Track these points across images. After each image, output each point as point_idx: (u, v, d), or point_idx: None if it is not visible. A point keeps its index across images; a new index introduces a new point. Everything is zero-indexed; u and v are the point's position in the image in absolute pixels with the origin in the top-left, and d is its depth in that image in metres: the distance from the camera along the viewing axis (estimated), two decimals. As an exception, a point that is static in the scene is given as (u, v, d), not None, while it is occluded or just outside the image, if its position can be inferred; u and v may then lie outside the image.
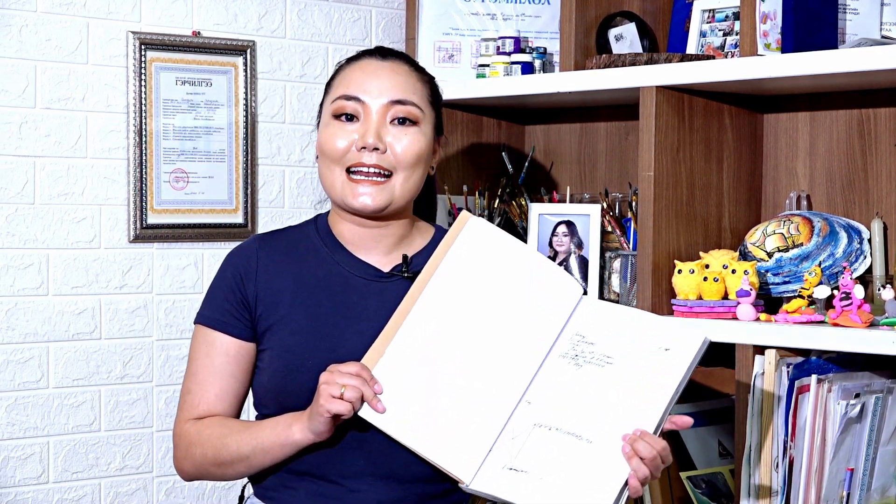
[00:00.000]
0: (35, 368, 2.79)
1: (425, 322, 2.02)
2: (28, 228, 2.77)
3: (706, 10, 2.92)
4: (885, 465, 2.39)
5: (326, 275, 2.10)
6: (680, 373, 1.95)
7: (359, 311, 2.08)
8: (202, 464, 2.06)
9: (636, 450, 1.89)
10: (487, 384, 1.99)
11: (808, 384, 2.35)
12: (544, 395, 1.98)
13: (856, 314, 2.32)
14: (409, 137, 2.08)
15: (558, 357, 2.01)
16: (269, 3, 3.08)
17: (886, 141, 2.64)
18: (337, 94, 2.09)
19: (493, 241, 2.10)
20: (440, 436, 1.95)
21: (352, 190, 2.06)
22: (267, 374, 2.07)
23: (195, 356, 2.11)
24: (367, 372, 1.95)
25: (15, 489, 2.76)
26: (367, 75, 2.09)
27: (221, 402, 2.09)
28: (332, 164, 2.08)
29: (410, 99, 2.09)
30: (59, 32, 2.80)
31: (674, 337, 1.98)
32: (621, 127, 3.10)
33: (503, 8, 3.11)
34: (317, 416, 1.93)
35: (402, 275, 2.11)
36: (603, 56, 2.77)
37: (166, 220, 2.93)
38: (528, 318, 2.04)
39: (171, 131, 2.92)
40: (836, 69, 2.37)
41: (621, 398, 1.95)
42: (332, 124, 2.08)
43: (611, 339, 2.01)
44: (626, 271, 2.78)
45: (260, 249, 2.12)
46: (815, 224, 2.56)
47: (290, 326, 2.06)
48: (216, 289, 2.12)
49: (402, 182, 2.08)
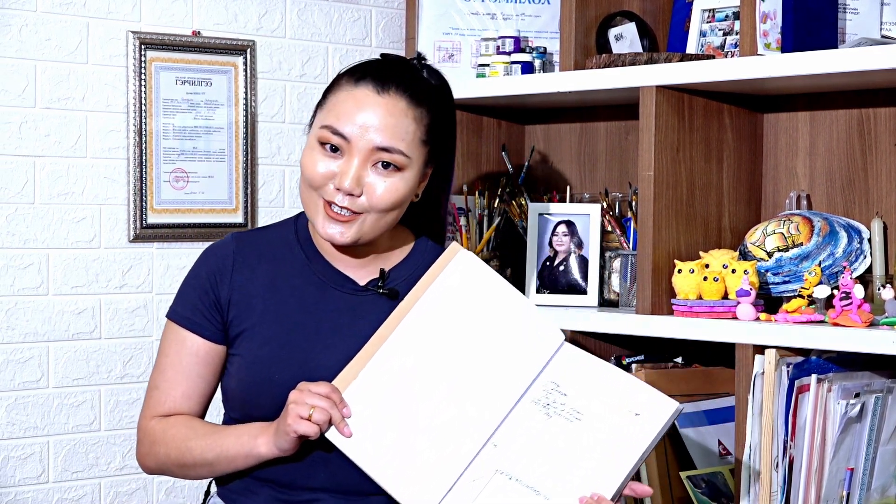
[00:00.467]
0: (35, 368, 2.79)
1: (402, 351, 1.98)
2: (28, 228, 2.77)
3: (706, 9, 2.92)
4: (885, 464, 2.39)
5: (302, 284, 2.07)
6: (647, 441, 1.91)
7: (331, 325, 2.04)
8: (164, 463, 2.05)
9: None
10: (457, 422, 1.95)
11: (808, 384, 2.35)
12: (511, 440, 1.95)
13: (856, 314, 2.32)
14: (389, 184, 2.00)
15: (531, 402, 1.97)
16: (269, 3, 3.08)
17: (886, 141, 2.64)
18: (326, 121, 2.01)
19: (479, 277, 2.05)
20: (402, 469, 1.92)
21: (324, 221, 2.01)
22: (235, 380, 2.05)
23: (165, 352, 2.09)
24: (337, 394, 1.92)
25: (15, 489, 2.76)
26: (360, 110, 1.99)
27: (188, 400, 2.07)
28: (309, 188, 2.03)
29: (398, 147, 2.00)
30: (59, 32, 2.80)
31: (646, 403, 1.94)
32: (621, 127, 3.10)
33: (503, 8, 3.11)
34: (283, 434, 1.91)
35: (377, 290, 2.07)
36: (603, 56, 2.77)
37: (166, 220, 2.93)
38: (506, 360, 2.00)
39: (171, 131, 2.92)
40: (835, 69, 2.37)
41: (585, 458, 1.91)
42: (317, 150, 2.02)
43: (583, 394, 1.97)
44: (626, 271, 2.78)
45: (237, 251, 2.08)
46: (815, 224, 2.56)
47: (261, 336, 2.03)
48: (190, 286, 2.09)
49: (372, 222, 2.02)
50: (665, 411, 1.92)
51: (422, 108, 2.03)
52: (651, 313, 2.61)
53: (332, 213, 2.00)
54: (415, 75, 2.06)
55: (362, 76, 2.03)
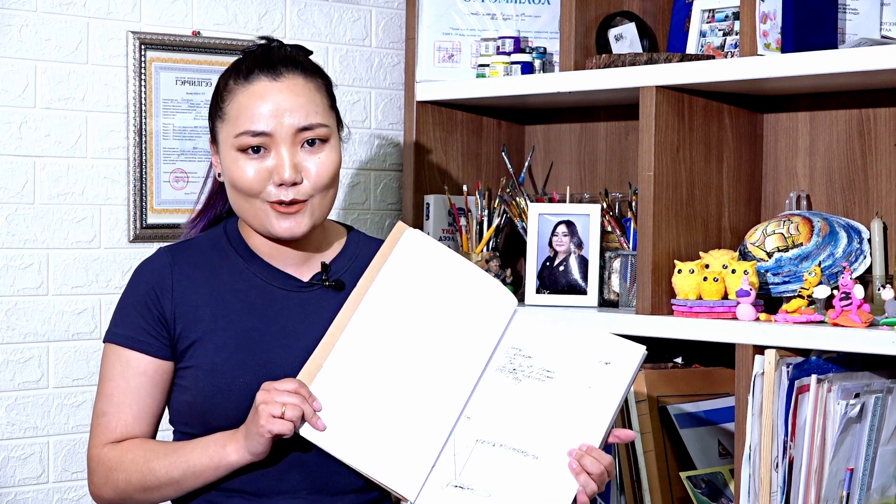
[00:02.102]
0: (35, 368, 2.79)
1: (362, 336, 1.97)
2: (28, 228, 2.77)
3: (706, 9, 2.92)
4: (885, 464, 2.39)
5: (245, 288, 2.05)
6: (622, 386, 1.94)
7: (283, 323, 2.03)
8: (125, 490, 1.99)
9: (584, 465, 1.88)
10: (426, 399, 1.95)
11: (807, 384, 2.35)
12: (484, 410, 1.96)
13: (855, 314, 2.32)
14: (322, 158, 2.01)
15: (496, 371, 1.99)
16: (268, 3, 3.07)
17: (886, 141, 2.64)
18: (239, 128, 1.99)
19: (428, 252, 2.06)
20: (382, 453, 1.91)
21: (276, 221, 2.00)
22: (191, 393, 2.01)
23: (108, 377, 2.03)
24: (305, 389, 1.90)
25: (15, 489, 2.76)
26: (267, 102, 1.99)
27: (140, 423, 2.02)
28: (247, 197, 2.01)
29: (316, 121, 2.01)
30: (59, 32, 2.80)
31: (613, 350, 1.97)
32: (621, 127, 3.10)
33: (503, 8, 3.12)
34: (256, 436, 1.88)
35: (322, 283, 2.06)
36: (603, 56, 2.77)
37: (166, 220, 2.93)
38: (464, 331, 2.01)
39: (171, 131, 2.92)
40: (835, 69, 2.37)
41: (564, 413, 1.93)
42: (241, 159, 2.00)
43: (549, 354, 1.99)
44: (625, 271, 2.78)
45: (173, 263, 2.05)
46: (815, 224, 2.56)
47: (214, 344, 2.00)
48: (128, 306, 2.05)
49: (319, 202, 2.02)
50: (634, 356, 1.95)
51: (315, 77, 2.07)
52: (651, 313, 2.61)
53: (283, 209, 2.00)
54: (289, 53, 2.08)
55: (249, 72, 2.03)
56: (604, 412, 1.93)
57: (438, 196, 3.10)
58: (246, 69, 2.04)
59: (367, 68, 3.21)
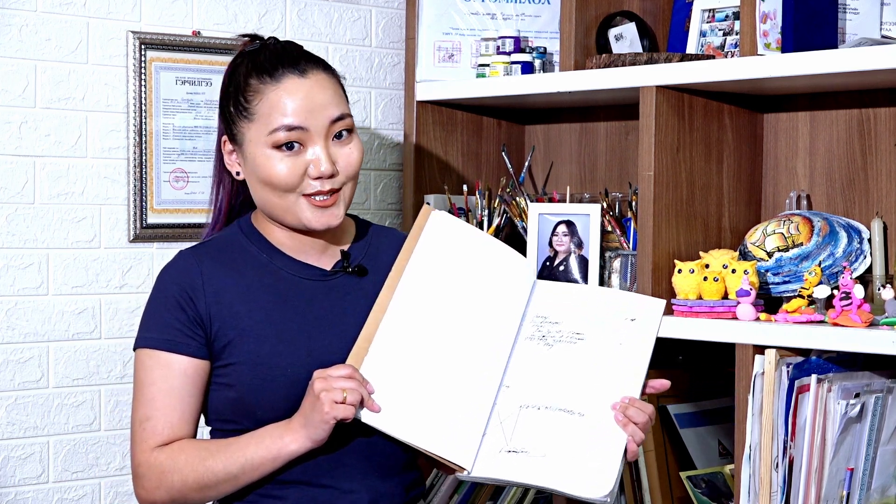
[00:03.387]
0: (35, 368, 2.79)
1: (402, 317, 2.03)
2: (28, 228, 2.77)
3: (706, 9, 2.92)
4: (885, 464, 2.39)
5: (272, 281, 2.07)
6: (650, 339, 2.04)
7: (316, 312, 2.06)
8: (181, 490, 2.00)
9: (629, 416, 1.96)
10: (466, 372, 2.02)
11: (808, 384, 2.35)
12: (522, 377, 2.03)
13: (856, 314, 2.32)
14: (350, 149, 2.07)
15: (526, 340, 2.06)
16: (268, 3, 3.07)
17: (886, 141, 2.64)
18: (272, 125, 2.02)
19: (455, 231, 2.14)
20: (434, 428, 1.97)
21: (313, 214, 2.04)
22: (236, 389, 2.02)
23: (148, 381, 2.03)
24: (358, 373, 1.94)
25: (15, 489, 2.76)
26: (300, 99, 2.03)
27: (185, 424, 2.03)
28: (283, 193, 2.04)
29: (345, 112, 2.07)
30: (59, 32, 2.80)
31: (637, 307, 2.07)
32: (621, 127, 3.10)
33: (503, 8, 3.11)
34: (320, 423, 1.91)
35: (345, 270, 2.11)
36: (603, 56, 2.77)
37: (166, 220, 2.93)
38: (493, 304, 2.08)
39: (171, 131, 2.92)
40: (836, 69, 2.37)
41: (601, 370, 2.02)
42: (275, 156, 2.03)
43: (575, 317, 2.07)
44: (626, 271, 2.78)
45: (200, 264, 2.07)
46: (815, 224, 2.56)
47: (254, 338, 2.02)
48: (160, 309, 2.05)
49: (349, 191, 2.08)
50: (657, 309, 2.07)
51: (332, 71, 2.12)
52: (651, 313, 2.61)
53: (318, 202, 2.04)
54: (303, 49, 2.13)
55: (274, 69, 2.06)
56: (638, 365, 2.02)
57: (438, 196, 3.10)
58: (270, 66, 2.07)
59: (368, 68, 3.21)
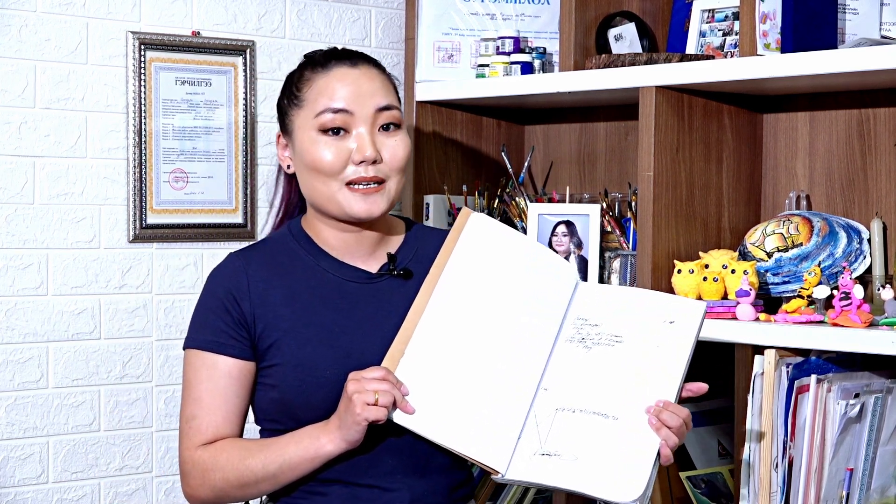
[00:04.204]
0: (35, 368, 2.79)
1: (440, 319, 2.03)
2: (28, 228, 2.77)
3: (706, 9, 2.92)
4: (885, 464, 2.39)
5: (318, 283, 2.09)
6: (689, 342, 2.01)
7: (359, 314, 2.08)
8: (223, 488, 2.04)
9: (663, 420, 1.95)
10: (505, 375, 2.01)
11: (807, 384, 2.35)
12: (560, 380, 2.02)
13: (855, 314, 2.32)
14: (397, 142, 2.08)
15: (566, 342, 2.05)
16: (268, 3, 3.08)
17: (886, 141, 2.64)
18: (319, 107, 2.06)
19: (494, 234, 2.13)
20: (469, 430, 1.97)
21: (354, 201, 2.06)
22: (279, 390, 2.05)
23: (195, 381, 2.07)
24: (392, 375, 1.96)
25: (14, 489, 2.76)
26: (348, 85, 2.07)
27: (228, 423, 2.07)
28: (327, 178, 2.06)
29: (393, 103, 2.09)
30: (59, 32, 2.80)
31: (676, 310, 2.04)
32: (621, 127, 3.10)
33: (503, 8, 3.11)
34: (353, 425, 1.93)
35: (390, 273, 2.12)
36: (602, 56, 2.77)
37: (166, 220, 2.93)
38: (533, 307, 2.07)
39: (171, 131, 2.92)
40: (835, 69, 2.37)
41: (637, 373, 2.00)
42: (321, 140, 2.06)
43: (614, 319, 2.06)
44: (625, 271, 2.78)
45: (247, 266, 2.09)
46: (815, 224, 2.56)
47: (296, 340, 2.05)
48: (207, 311, 2.08)
49: (394, 186, 2.09)
50: (697, 312, 2.03)
51: (386, 74, 2.14)
52: (651, 313, 2.61)
53: (360, 190, 2.06)
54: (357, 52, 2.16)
55: (326, 62, 2.11)
56: (675, 369, 2.00)
57: (438, 196, 3.10)
58: (322, 60, 2.11)
59: (367, 68, 3.21)
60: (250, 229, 3.04)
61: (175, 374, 2.96)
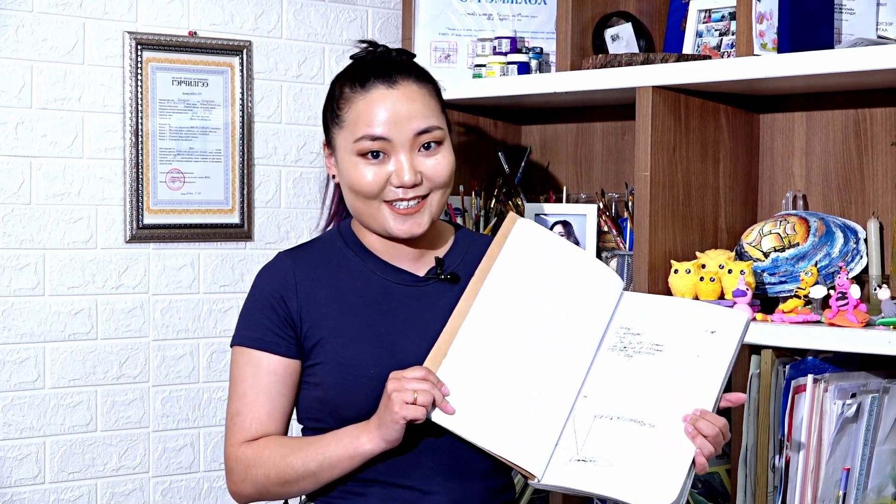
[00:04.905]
0: (31, 369, 2.79)
1: (483, 322, 2.04)
2: (24, 229, 2.77)
3: (702, 10, 2.92)
4: (882, 464, 2.39)
5: (364, 285, 2.10)
6: (729, 352, 2.00)
7: (404, 316, 2.09)
8: (264, 485, 2.05)
9: (699, 429, 1.94)
10: (546, 381, 2.02)
11: (804, 384, 2.35)
12: (600, 387, 2.02)
13: (852, 314, 2.32)
14: (439, 159, 2.08)
15: (608, 351, 2.06)
16: (265, 4, 3.07)
17: (882, 141, 2.64)
18: (358, 133, 2.06)
19: (539, 240, 2.13)
20: (508, 433, 1.97)
21: (395, 221, 2.07)
22: (322, 388, 2.06)
23: (241, 378, 2.08)
24: (433, 375, 1.96)
25: (11, 489, 2.76)
26: (386, 110, 2.06)
27: (273, 420, 2.08)
28: (367, 199, 2.07)
29: (433, 124, 2.08)
30: (56, 32, 2.80)
31: (718, 319, 2.04)
32: (618, 127, 3.10)
33: (499, 8, 3.11)
34: (391, 423, 1.94)
35: (438, 277, 2.13)
36: (599, 56, 2.77)
37: (162, 221, 2.93)
38: (577, 314, 2.08)
39: (168, 131, 2.92)
40: (832, 69, 2.37)
41: (676, 382, 2.00)
42: (360, 164, 2.06)
43: (657, 328, 2.06)
44: (622, 271, 2.78)
45: (295, 266, 2.10)
46: (812, 224, 2.56)
47: (342, 339, 2.06)
48: (255, 309, 2.10)
49: (437, 200, 2.10)
50: (739, 322, 2.02)
51: (426, 82, 2.13)
52: (647, 313, 2.61)
53: (401, 211, 2.07)
54: (398, 58, 2.14)
55: (365, 79, 2.09)
56: (714, 378, 1.99)
57: (435, 196, 3.09)
58: (362, 77, 2.10)
59: (364, 68, 3.21)
60: (247, 229, 3.03)
61: (171, 375, 2.96)
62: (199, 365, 3.00)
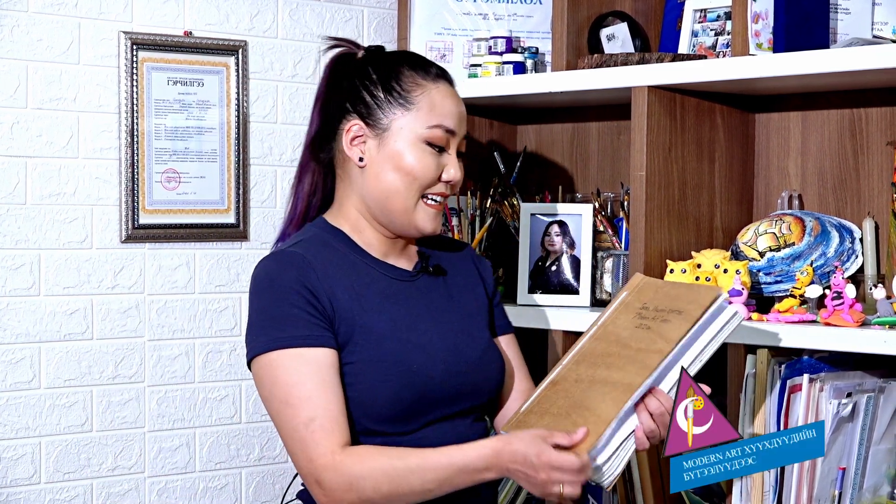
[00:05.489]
0: (27, 369, 2.78)
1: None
2: (20, 229, 2.77)
3: (698, 9, 2.92)
4: (877, 464, 2.39)
5: (371, 281, 2.11)
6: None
7: (417, 308, 2.12)
8: (371, 497, 1.94)
9: (645, 404, 1.97)
10: None
11: (799, 383, 2.36)
12: None
13: (847, 313, 2.32)
14: (461, 167, 2.15)
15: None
16: (260, 3, 3.07)
17: (878, 140, 2.64)
18: (434, 121, 2.10)
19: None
20: None
21: (427, 218, 2.11)
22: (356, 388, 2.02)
23: (297, 381, 1.97)
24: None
25: (7, 490, 2.76)
26: (456, 105, 2.14)
27: (346, 419, 1.99)
28: (411, 184, 2.09)
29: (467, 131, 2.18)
30: (51, 32, 2.79)
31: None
32: (613, 127, 3.10)
33: (495, 8, 3.11)
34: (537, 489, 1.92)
35: (426, 271, 2.18)
36: (595, 56, 2.77)
37: (158, 221, 2.92)
38: None
39: (163, 131, 2.92)
40: (827, 69, 2.37)
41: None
42: (426, 151, 2.10)
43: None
44: (618, 271, 2.78)
45: (314, 259, 2.05)
46: (807, 223, 2.56)
47: (373, 336, 2.04)
48: (285, 307, 2.01)
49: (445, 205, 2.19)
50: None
51: None
52: (643, 313, 2.61)
53: (432, 205, 2.12)
54: None
55: (427, 71, 2.15)
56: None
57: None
58: (433, 70, 2.16)
59: (359, 68, 3.21)
60: (242, 229, 3.03)
61: (167, 376, 2.95)
62: (195, 365, 3.00)
